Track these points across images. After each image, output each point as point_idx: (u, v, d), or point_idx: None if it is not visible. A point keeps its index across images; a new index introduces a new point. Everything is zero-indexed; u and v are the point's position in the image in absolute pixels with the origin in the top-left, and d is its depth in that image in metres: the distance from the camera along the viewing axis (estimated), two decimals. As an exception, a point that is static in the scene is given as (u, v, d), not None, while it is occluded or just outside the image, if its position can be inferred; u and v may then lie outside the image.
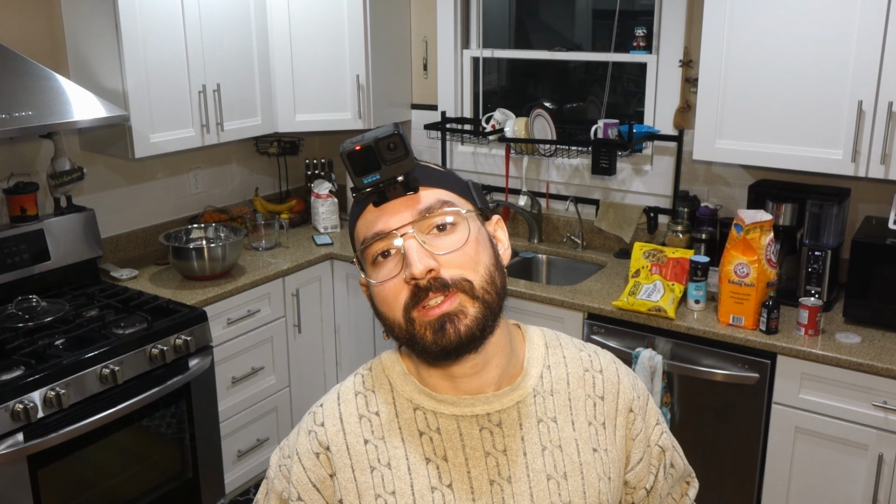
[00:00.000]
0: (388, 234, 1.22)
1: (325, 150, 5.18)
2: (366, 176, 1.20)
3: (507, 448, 1.31)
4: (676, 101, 3.96)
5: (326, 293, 4.35)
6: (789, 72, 3.26)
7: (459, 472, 1.29)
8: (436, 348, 1.23)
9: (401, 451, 1.30)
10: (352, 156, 1.19)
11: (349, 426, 1.32)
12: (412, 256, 1.20)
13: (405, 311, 1.23)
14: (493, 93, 4.79)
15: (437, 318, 1.21)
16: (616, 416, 1.40)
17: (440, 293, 1.21)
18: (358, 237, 1.27)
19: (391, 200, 1.24)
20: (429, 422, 1.31)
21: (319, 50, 4.30)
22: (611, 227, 4.17)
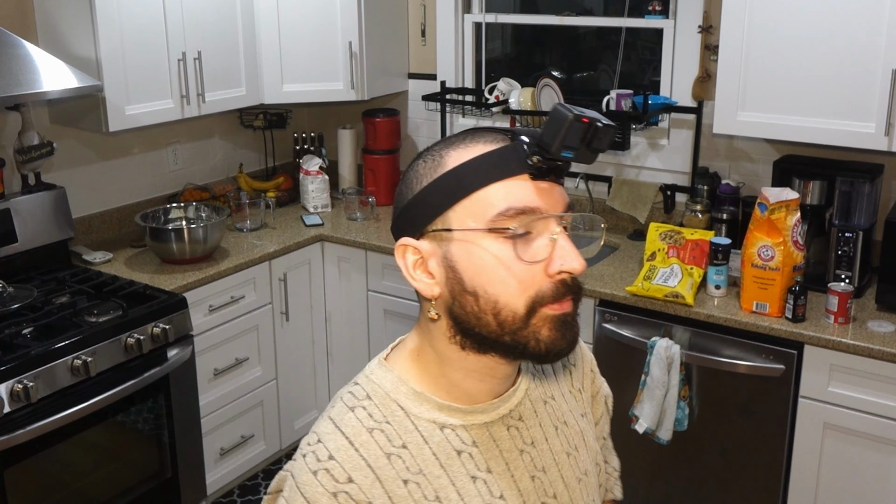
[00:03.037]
0: (549, 217, 1.21)
1: (314, 123, 5.19)
2: (565, 149, 1.17)
3: (534, 440, 1.35)
4: (695, 70, 3.97)
5: (316, 278, 4.36)
6: (817, 38, 3.27)
7: (506, 479, 1.30)
8: (548, 347, 1.21)
9: (444, 479, 1.26)
10: (574, 124, 1.15)
11: (381, 471, 1.23)
12: (574, 250, 1.20)
13: (535, 301, 1.20)
14: (496, 61, 4.79)
15: (562, 318, 1.21)
16: (583, 379, 1.51)
17: (572, 295, 1.22)
18: (493, 200, 1.19)
19: (548, 182, 1.21)
20: (462, 438, 1.28)
21: (309, 15, 4.31)
22: (624, 206, 4.18)
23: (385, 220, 4.49)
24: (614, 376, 3.21)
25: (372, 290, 4.23)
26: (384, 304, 4.22)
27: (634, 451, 3.48)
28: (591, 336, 3.56)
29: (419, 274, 1.24)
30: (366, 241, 4.15)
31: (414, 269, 1.25)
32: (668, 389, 3.34)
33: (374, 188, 4.70)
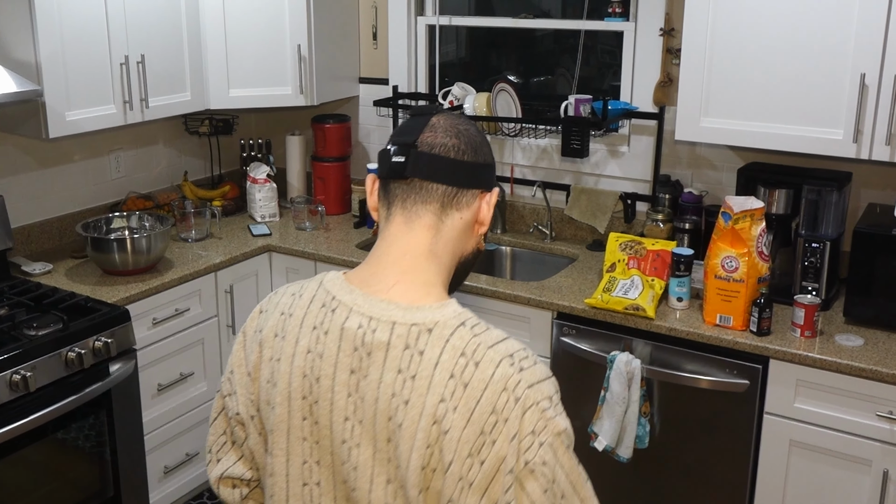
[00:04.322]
0: None
1: (262, 129, 5.16)
2: None
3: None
4: (657, 75, 3.96)
5: (264, 290, 4.31)
6: (784, 41, 3.26)
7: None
8: None
9: None
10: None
11: None
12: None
13: None
14: (450, 65, 4.79)
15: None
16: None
17: None
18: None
19: None
20: None
21: (256, 17, 4.28)
22: (583, 215, 4.17)
23: (335, 229, 4.44)
24: (572, 392, 3.38)
25: None
26: None
27: (593, 470, 3.25)
28: (548, 350, 3.54)
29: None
30: (315, 252, 4.10)
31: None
32: (628, 405, 3.31)
33: (324, 197, 4.66)
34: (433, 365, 1.42)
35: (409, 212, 1.55)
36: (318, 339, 1.52)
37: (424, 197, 1.54)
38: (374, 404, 1.45)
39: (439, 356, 1.42)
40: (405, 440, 1.42)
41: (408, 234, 1.55)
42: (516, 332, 3.57)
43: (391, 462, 1.44)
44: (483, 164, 1.57)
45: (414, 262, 1.54)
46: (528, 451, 1.38)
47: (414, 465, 1.41)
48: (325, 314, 1.53)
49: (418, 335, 1.45)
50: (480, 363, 1.42)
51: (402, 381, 1.43)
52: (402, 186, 1.55)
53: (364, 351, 1.47)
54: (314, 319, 1.54)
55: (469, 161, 1.55)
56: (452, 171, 1.54)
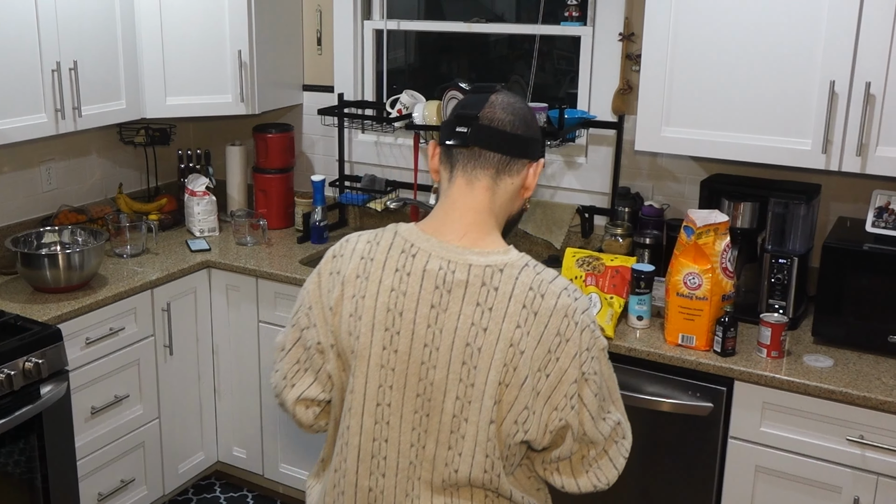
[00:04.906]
0: None
1: (201, 139, 5.11)
2: None
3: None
4: (616, 82, 3.94)
5: (203, 308, 4.28)
6: (749, 46, 3.24)
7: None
8: None
9: None
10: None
11: None
12: None
13: None
14: (399, 72, 4.80)
15: None
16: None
17: None
18: None
19: None
20: None
21: (194, 21, 4.23)
22: (538, 230, 4.15)
23: (278, 244, 4.39)
24: None
25: (263, 321, 4.13)
26: (275, 335, 3.95)
27: (550, 494, 3.36)
28: None
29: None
30: (256, 268, 4.05)
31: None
32: (587, 431, 3.22)
33: (266, 210, 4.61)
34: (507, 298, 1.82)
35: (470, 175, 1.91)
36: (401, 280, 1.87)
37: (483, 163, 1.90)
38: (452, 333, 1.82)
39: (512, 290, 1.83)
40: (483, 360, 1.81)
41: (470, 194, 1.91)
42: None
43: (462, 382, 1.82)
44: (532, 138, 1.93)
45: (478, 216, 1.91)
46: (584, 363, 1.83)
47: (492, 380, 1.80)
48: (405, 258, 1.89)
49: (492, 274, 1.84)
50: (546, 295, 1.83)
51: (480, 312, 1.82)
52: (464, 153, 1.90)
53: (445, 289, 1.84)
54: (395, 263, 1.89)
55: (521, 134, 1.90)
56: (507, 143, 1.89)
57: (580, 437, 1.90)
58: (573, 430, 1.87)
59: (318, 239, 4.35)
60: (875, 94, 3.02)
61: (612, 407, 1.96)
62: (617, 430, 1.97)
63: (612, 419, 1.95)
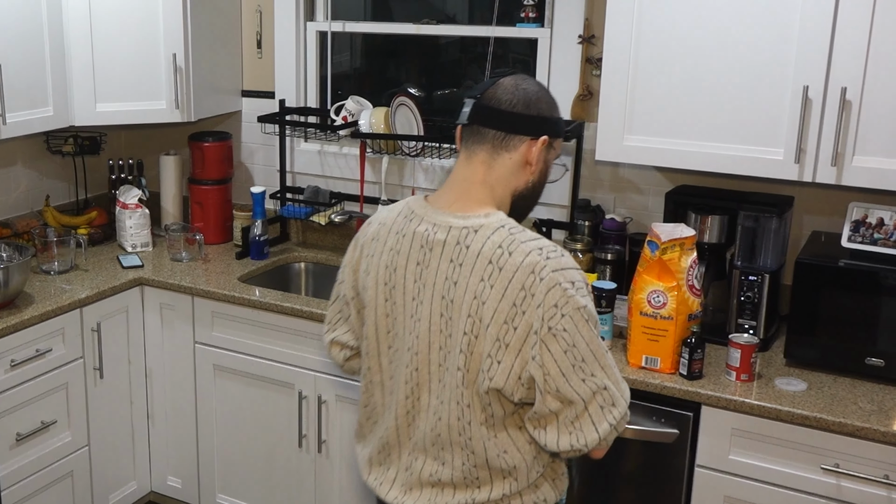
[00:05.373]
0: None
1: (133, 149, 5.04)
2: None
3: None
4: (575, 87, 3.91)
5: (135, 328, 4.20)
6: (717, 49, 3.22)
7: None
8: None
9: None
10: None
11: None
12: None
13: None
14: (344, 77, 4.79)
15: None
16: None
17: None
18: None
19: None
20: None
21: (127, 22, 4.17)
22: None
23: (215, 260, 4.32)
24: None
25: (200, 343, 4.06)
26: (214, 359, 4.04)
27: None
28: None
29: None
30: (192, 286, 3.99)
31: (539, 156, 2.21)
32: (544, 458, 3.25)
33: (203, 224, 4.54)
34: (476, 254, 2.06)
35: (470, 150, 2.18)
36: (398, 241, 2.20)
37: (480, 139, 2.16)
38: (431, 287, 2.12)
39: (481, 248, 2.06)
40: (455, 311, 2.08)
41: (467, 168, 2.19)
42: None
43: (442, 333, 2.11)
44: (532, 115, 2.15)
45: (470, 186, 2.17)
46: (551, 319, 2.00)
47: (460, 329, 2.07)
48: (405, 223, 2.21)
49: (467, 234, 2.09)
50: (514, 253, 2.03)
51: (453, 267, 2.09)
52: (468, 130, 2.19)
53: (427, 248, 2.14)
54: (397, 227, 2.22)
55: (518, 112, 2.13)
56: (502, 120, 2.13)
57: (556, 395, 2.05)
58: (538, 382, 2.04)
59: (257, 254, 4.26)
60: (851, 99, 2.99)
61: (597, 371, 2.07)
62: (602, 394, 2.08)
63: (594, 382, 2.07)
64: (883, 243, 3.16)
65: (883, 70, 2.96)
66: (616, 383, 2.10)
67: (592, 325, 2.05)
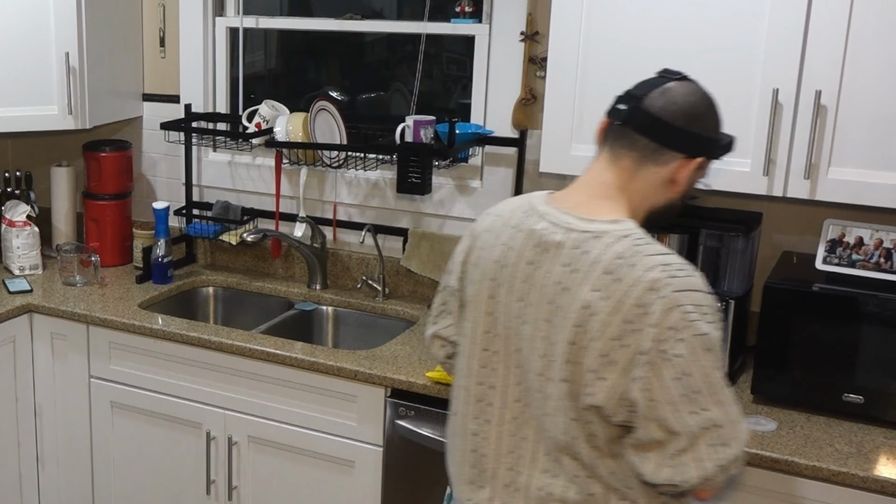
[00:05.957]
0: None
1: (20, 159, 4.86)
2: None
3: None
4: (517, 90, 3.80)
5: (23, 361, 4.06)
6: (677, 47, 3.11)
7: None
8: None
9: None
10: None
11: None
12: None
13: None
14: (258, 78, 4.65)
15: None
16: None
17: None
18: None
19: None
20: None
21: (13, 18, 4.05)
22: (424, 267, 4.05)
23: (113, 285, 4.19)
24: (411, 487, 3.42)
25: (95, 377, 3.92)
26: (111, 395, 3.91)
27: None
28: (380, 436, 3.42)
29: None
30: (87, 313, 3.85)
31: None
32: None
33: (99, 243, 4.39)
34: (593, 262, 2.00)
35: (615, 153, 2.12)
36: (512, 237, 2.17)
37: (630, 144, 2.10)
38: (540, 290, 2.07)
39: (600, 256, 2.00)
40: (561, 319, 2.02)
41: (607, 171, 2.13)
42: (340, 413, 3.47)
43: (546, 339, 2.06)
44: (694, 133, 2.11)
45: (604, 191, 2.12)
46: (665, 342, 1.93)
47: (564, 338, 2.02)
48: (523, 218, 2.18)
49: (586, 239, 2.04)
50: (635, 266, 1.96)
51: (566, 272, 2.04)
52: (617, 130, 2.12)
53: (542, 248, 2.09)
54: (514, 221, 2.19)
55: (679, 127, 2.09)
56: (660, 130, 2.08)
57: (660, 423, 1.98)
58: (640, 406, 1.98)
59: (160, 278, 4.12)
60: (827, 104, 2.90)
61: (710, 405, 1.99)
62: (713, 432, 2.00)
63: (706, 417, 2.00)
64: (862, 265, 3.07)
65: (862, 70, 2.86)
66: (732, 423, 2.01)
67: (713, 356, 1.98)
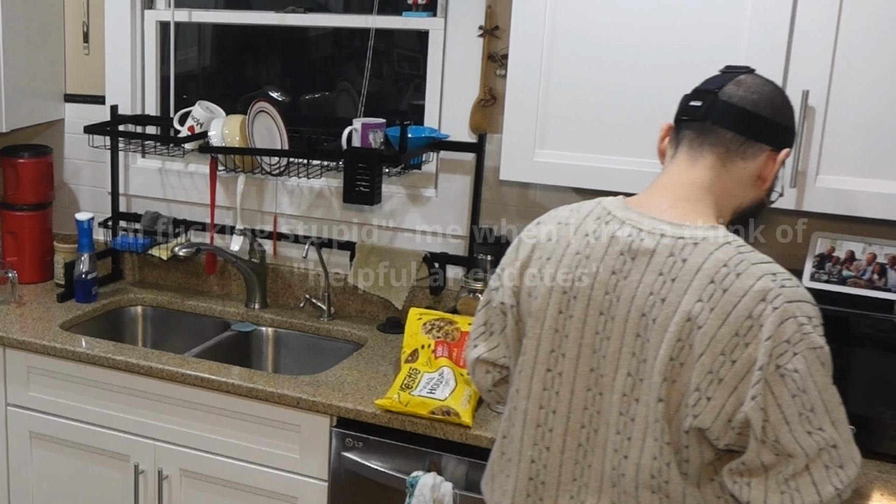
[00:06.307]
0: None
1: None
2: None
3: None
4: (475, 90, 3.67)
5: None
6: (652, 44, 3.00)
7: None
8: None
9: None
10: None
11: None
12: None
13: None
14: (191, 77, 4.53)
15: None
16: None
17: None
18: None
19: None
20: None
21: None
22: (372, 285, 3.94)
23: (32, 303, 4.06)
24: None
25: (12, 405, 3.80)
26: (30, 424, 3.78)
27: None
28: (325, 470, 3.32)
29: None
30: (4, 335, 3.73)
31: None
32: (436, 544, 3.16)
33: (17, 258, 4.26)
34: (694, 271, 1.93)
35: (695, 151, 2.07)
36: (587, 244, 2.07)
37: (713, 140, 2.04)
38: (629, 302, 1.99)
39: (702, 264, 1.93)
40: (656, 334, 1.94)
41: (689, 171, 2.07)
42: (281, 444, 3.35)
43: (635, 356, 1.99)
44: (779, 123, 2.06)
45: (690, 192, 2.06)
46: (781, 356, 1.87)
47: (663, 355, 1.93)
48: (598, 225, 2.10)
49: (683, 246, 1.96)
50: (742, 274, 1.90)
51: (661, 282, 1.96)
52: (694, 128, 2.07)
53: (629, 255, 2.00)
54: (587, 228, 2.10)
55: (765, 116, 2.04)
56: (744, 121, 2.04)
57: (773, 445, 1.91)
58: (754, 428, 1.90)
59: (83, 296, 3.97)
60: (815, 105, 2.79)
61: (826, 424, 1.92)
62: (830, 452, 1.94)
63: (822, 437, 1.93)
64: (853, 282, 2.95)
65: (854, 68, 2.75)
66: (847, 442, 1.94)
67: (827, 371, 1.92)
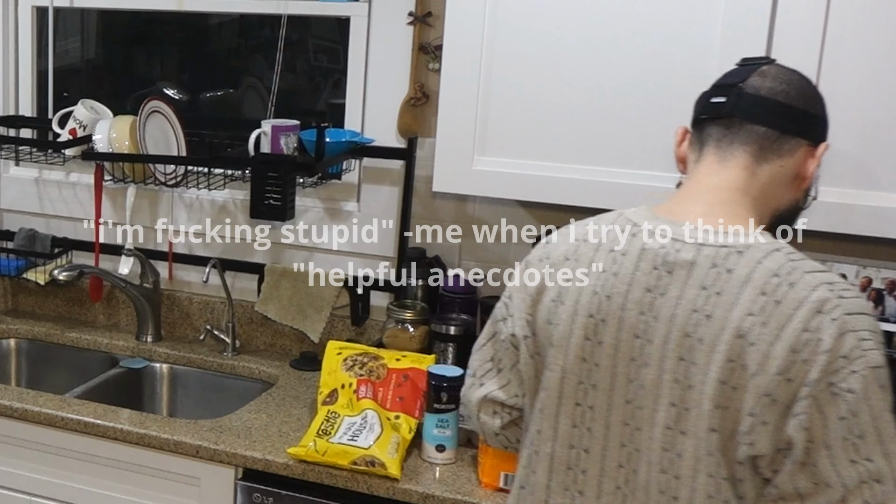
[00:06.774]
0: None
1: None
2: None
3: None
4: (404, 87, 3.46)
5: None
6: (611, 34, 2.80)
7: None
8: None
9: None
10: None
11: None
12: None
13: None
14: (73, 72, 4.28)
15: None
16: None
17: None
18: None
19: None
20: None
21: None
22: (284, 314, 3.75)
23: None
24: None
25: None
26: None
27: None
28: None
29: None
30: None
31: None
32: None
33: None
34: (742, 282, 1.78)
35: (724, 152, 1.92)
36: (614, 260, 1.91)
37: (743, 138, 1.91)
38: (668, 322, 1.83)
39: (749, 274, 1.78)
40: (703, 354, 1.79)
41: (720, 172, 1.92)
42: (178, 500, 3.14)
43: (678, 383, 1.81)
44: (813, 114, 1.93)
45: (725, 195, 1.91)
46: (836, 373, 1.72)
47: (712, 378, 1.77)
48: (624, 237, 1.95)
49: (727, 255, 1.82)
50: (796, 284, 1.76)
51: (705, 296, 1.81)
52: (719, 127, 1.94)
53: (664, 269, 1.85)
54: (612, 243, 1.94)
55: (798, 107, 1.91)
56: (777, 114, 1.91)
57: (812, 472, 1.78)
58: (795, 448, 1.77)
59: None
60: None
61: (876, 455, 1.77)
62: (873, 488, 1.78)
63: (867, 468, 1.77)
64: None
65: (844, 63, 2.55)
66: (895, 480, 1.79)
67: (885, 394, 1.77)
